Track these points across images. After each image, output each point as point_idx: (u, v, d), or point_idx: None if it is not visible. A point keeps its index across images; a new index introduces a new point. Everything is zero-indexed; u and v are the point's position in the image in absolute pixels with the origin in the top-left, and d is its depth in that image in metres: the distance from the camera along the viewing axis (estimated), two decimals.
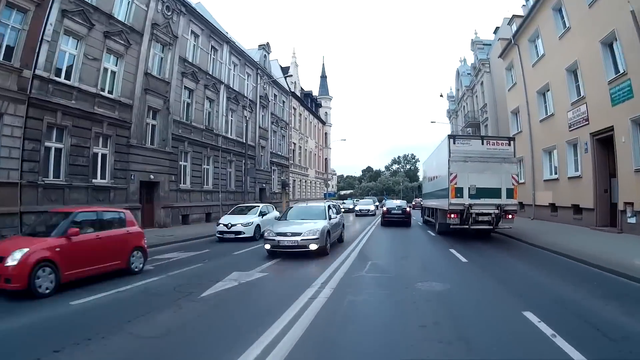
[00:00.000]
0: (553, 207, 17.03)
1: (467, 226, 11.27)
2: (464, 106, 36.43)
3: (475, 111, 31.29)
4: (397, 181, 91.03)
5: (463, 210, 10.98)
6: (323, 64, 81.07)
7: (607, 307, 4.69)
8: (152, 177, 17.23)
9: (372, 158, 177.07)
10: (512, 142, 11.85)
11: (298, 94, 37.51)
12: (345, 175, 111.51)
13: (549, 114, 17.73)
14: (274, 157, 30.33)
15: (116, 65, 15.94)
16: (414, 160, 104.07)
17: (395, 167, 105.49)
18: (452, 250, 9.65)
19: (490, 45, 30.39)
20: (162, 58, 18.69)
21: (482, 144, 11.67)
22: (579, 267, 7.49)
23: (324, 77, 52.41)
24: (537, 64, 18.89)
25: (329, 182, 48.50)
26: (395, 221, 18.47)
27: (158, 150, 17.81)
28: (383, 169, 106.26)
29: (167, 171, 18.22)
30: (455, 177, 11.01)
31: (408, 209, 19.55)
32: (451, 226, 11.66)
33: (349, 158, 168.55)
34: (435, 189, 14.72)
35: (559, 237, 11.41)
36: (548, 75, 17.52)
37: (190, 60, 20.31)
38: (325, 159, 48.74)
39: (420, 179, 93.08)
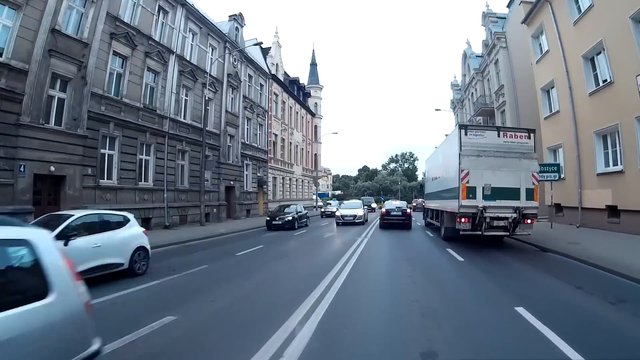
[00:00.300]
0: (613, 210, 12.27)
1: (479, 232, 9.67)
2: (472, 93, 31.76)
3: (487, 96, 26.56)
4: (394, 180, 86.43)
5: (476, 214, 9.44)
6: (313, 50, 74.26)
7: None
8: (52, 169, 12.36)
9: (370, 159, 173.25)
10: (532, 135, 10.16)
11: (281, 78, 32.67)
12: (341, 175, 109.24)
13: (603, 83, 12.98)
14: (247, 149, 25.44)
15: (12, 19, 11.37)
16: (412, 159, 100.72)
17: (392, 166, 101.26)
18: (523, 312, 4.42)
19: (505, 18, 25.74)
20: (82, 14, 13.92)
21: (499, 135, 10.00)
22: None
23: (314, 64, 47.54)
24: (581, 20, 14.15)
25: (319, 180, 43.55)
26: (394, 223, 17.23)
27: (66, 132, 12.96)
28: (380, 168, 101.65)
29: (80, 161, 13.35)
30: (468, 174, 9.50)
31: (408, 210, 18.18)
32: (461, 232, 9.97)
33: (346, 159, 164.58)
34: (442, 189, 12.89)
35: None
36: (600, 32, 12.80)
37: (125, 19, 15.51)
38: (315, 154, 43.80)
39: (419, 178, 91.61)
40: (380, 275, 7.40)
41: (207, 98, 19.60)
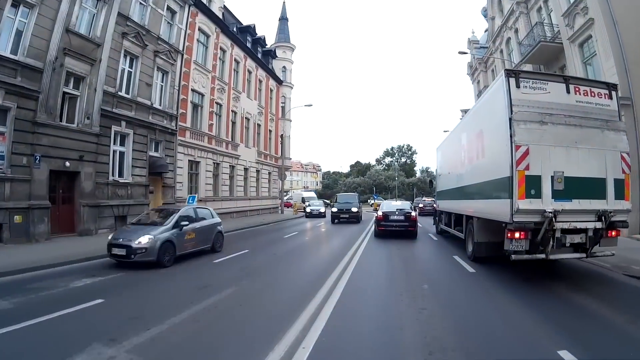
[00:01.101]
0: None
1: (543, 255, 6.49)
2: (508, 38, 22.16)
3: (541, 27, 16.71)
4: (390, 176, 76.78)
5: (540, 224, 6.25)
6: (284, 2, 59.48)
7: None
8: None
9: (364, 157, 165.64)
10: (613, 93, 6.94)
11: (217, 13, 22.45)
12: (332, 171, 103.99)
13: None
14: (124, 107, 15.04)
15: None
16: (410, 153, 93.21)
17: (388, 160, 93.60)
18: None
19: None
20: None
21: (568, 91, 6.73)
22: None
23: (284, 19, 37.22)
24: None
25: (286, 172, 33.37)
26: (395, 230, 13.86)
27: None
28: (374, 163, 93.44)
29: None
30: (527, 153, 6.31)
31: (413, 213, 14.38)
32: (513, 256, 6.59)
33: (339, 156, 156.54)
34: (469, 183, 9.55)
35: None
36: None
37: None
38: (282, 135, 33.58)
39: (418, 174, 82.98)
40: None
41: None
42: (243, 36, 27.85)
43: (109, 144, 14.34)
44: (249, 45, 28.21)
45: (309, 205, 30.51)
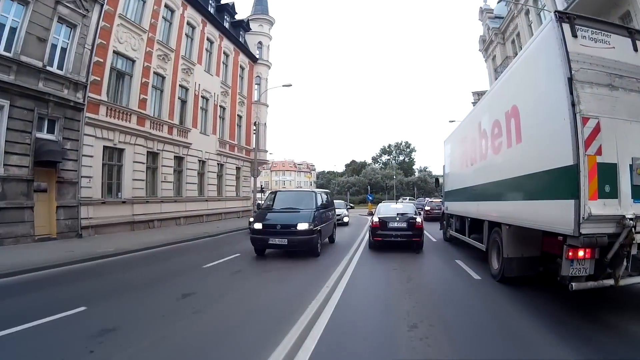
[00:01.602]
0: None
1: (612, 282, 5.19)
2: None
3: None
4: (388, 175, 73.47)
5: (616, 236, 4.88)
6: None
7: None
8: None
9: (361, 157, 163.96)
10: None
11: None
12: (326, 171, 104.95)
13: None
14: None
15: None
16: (408, 150, 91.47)
17: (385, 158, 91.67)
18: None
19: None
20: None
21: (635, 49, 5.44)
22: None
23: None
24: None
25: (260, 169, 29.37)
26: (395, 242, 11.95)
27: None
28: (370, 161, 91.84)
29: None
30: (599, 130, 4.90)
31: (419, 219, 12.32)
32: (573, 284, 5.12)
33: (336, 157, 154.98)
34: (496, 178, 8.15)
35: None
36: None
37: None
38: (255, 123, 29.54)
39: (417, 174, 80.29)
40: None
41: None
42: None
43: None
44: (211, 10, 24.28)
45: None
